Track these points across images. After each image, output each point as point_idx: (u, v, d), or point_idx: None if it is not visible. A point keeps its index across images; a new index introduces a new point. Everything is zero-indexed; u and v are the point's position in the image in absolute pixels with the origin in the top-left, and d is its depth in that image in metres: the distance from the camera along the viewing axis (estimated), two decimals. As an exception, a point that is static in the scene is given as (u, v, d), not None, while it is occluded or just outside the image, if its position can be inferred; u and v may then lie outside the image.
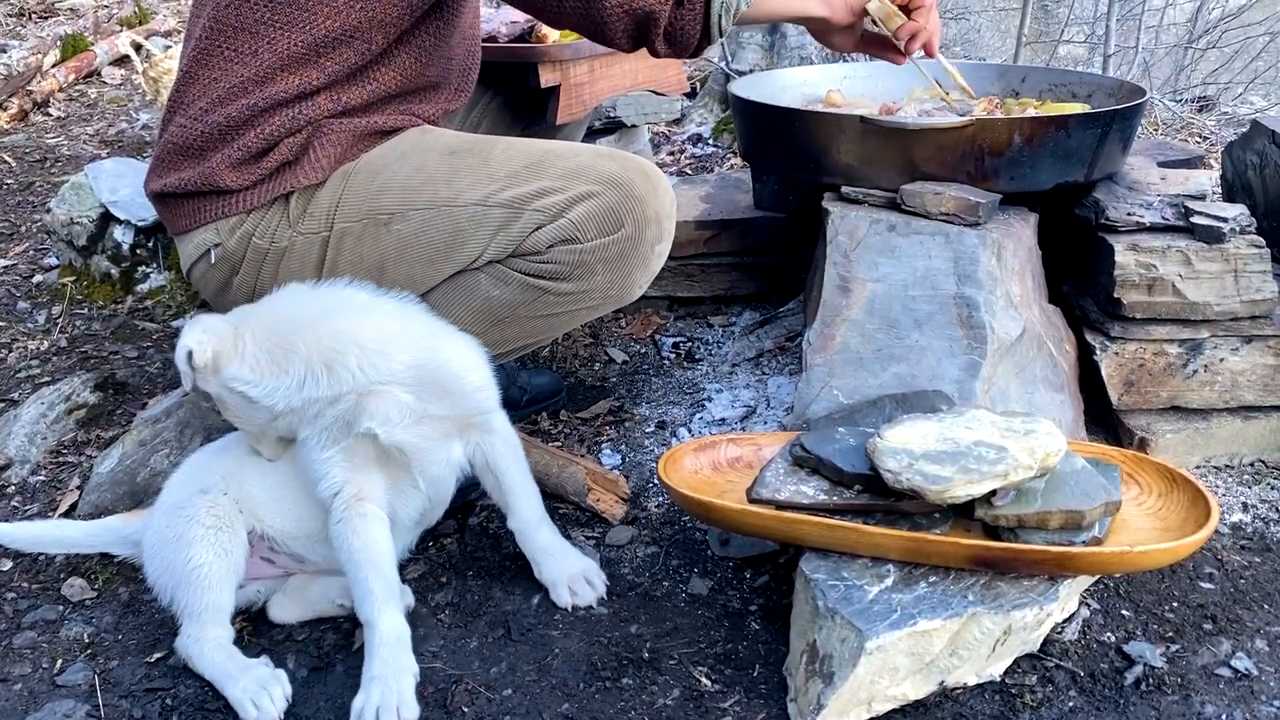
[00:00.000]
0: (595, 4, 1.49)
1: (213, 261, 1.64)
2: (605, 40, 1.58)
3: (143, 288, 2.66)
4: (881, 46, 1.79)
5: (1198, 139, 3.62)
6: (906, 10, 1.73)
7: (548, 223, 1.55)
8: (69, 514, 1.83)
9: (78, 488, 1.89)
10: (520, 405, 2.07)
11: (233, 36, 1.55)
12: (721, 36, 1.58)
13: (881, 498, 1.40)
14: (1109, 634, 1.48)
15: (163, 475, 1.68)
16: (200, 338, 1.42)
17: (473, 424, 1.55)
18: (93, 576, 1.68)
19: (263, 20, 1.53)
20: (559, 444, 1.99)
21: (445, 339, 1.53)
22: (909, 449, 1.36)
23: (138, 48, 4.95)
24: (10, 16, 5.46)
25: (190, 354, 1.42)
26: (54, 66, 4.66)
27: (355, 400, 1.43)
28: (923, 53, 1.79)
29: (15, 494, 1.93)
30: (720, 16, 1.54)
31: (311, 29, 1.53)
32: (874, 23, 1.74)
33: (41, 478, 1.97)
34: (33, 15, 5.46)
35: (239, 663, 1.44)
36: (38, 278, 2.83)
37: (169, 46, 4.87)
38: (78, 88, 4.73)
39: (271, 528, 1.53)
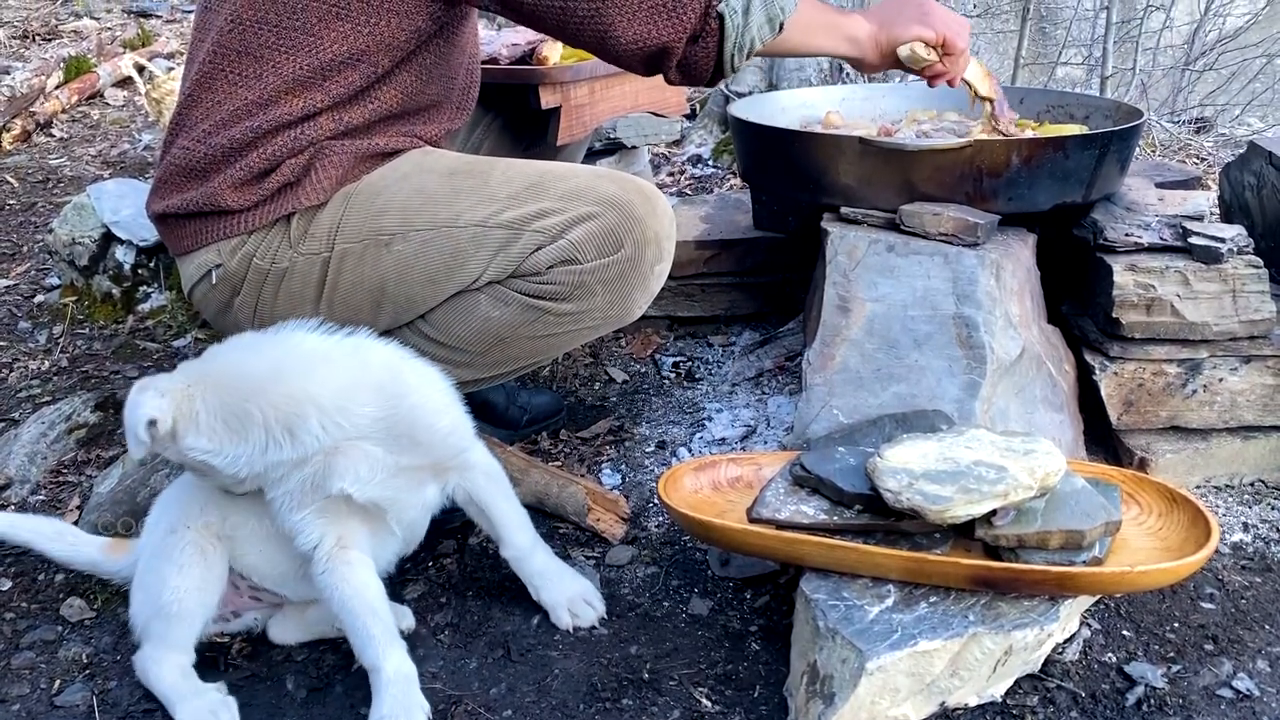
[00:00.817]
0: (610, 39, 1.49)
1: (214, 282, 1.65)
2: (622, 67, 1.59)
3: (144, 307, 2.67)
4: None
5: (1195, 160, 3.63)
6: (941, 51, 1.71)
7: (548, 243, 1.56)
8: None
9: (77, 507, 1.89)
10: (520, 425, 2.08)
11: (237, 61, 1.56)
12: (735, 71, 1.59)
13: (882, 517, 1.40)
14: (1110, 654, 1.48)
15: (163, 495, 1.68)
16: (159, 403, 1.33)
17: (449, 466, 1.52)
18: (91, 597, 1.68)
19: (268, 45, 1.54)
20: (559, 463, 1.99)
21: (409, 383, 1.46)
22: (909, 468, 1.36)
23: (140, 69, 4.98)
24: (14, 38, 5.49)
25: (153, 423, 1.32)
26: (57, 88, 4.69)
27: (323, 460, 1.38)
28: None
29: (15, 513, 1.92)
30: (733, 55, 1.53)
31: (317, 53, 1.54)
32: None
33: (41, 497, 1.97)
34: (36, 37, 5.50)
35: (193, 686, 1.43)
36: (39, 297, 2.84)
37: (171, 68, 4.91)
38: (80, 109, 4.75)
39: (247, 565, 1.51)
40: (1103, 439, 1.88)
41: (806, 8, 1.58)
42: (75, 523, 1.84)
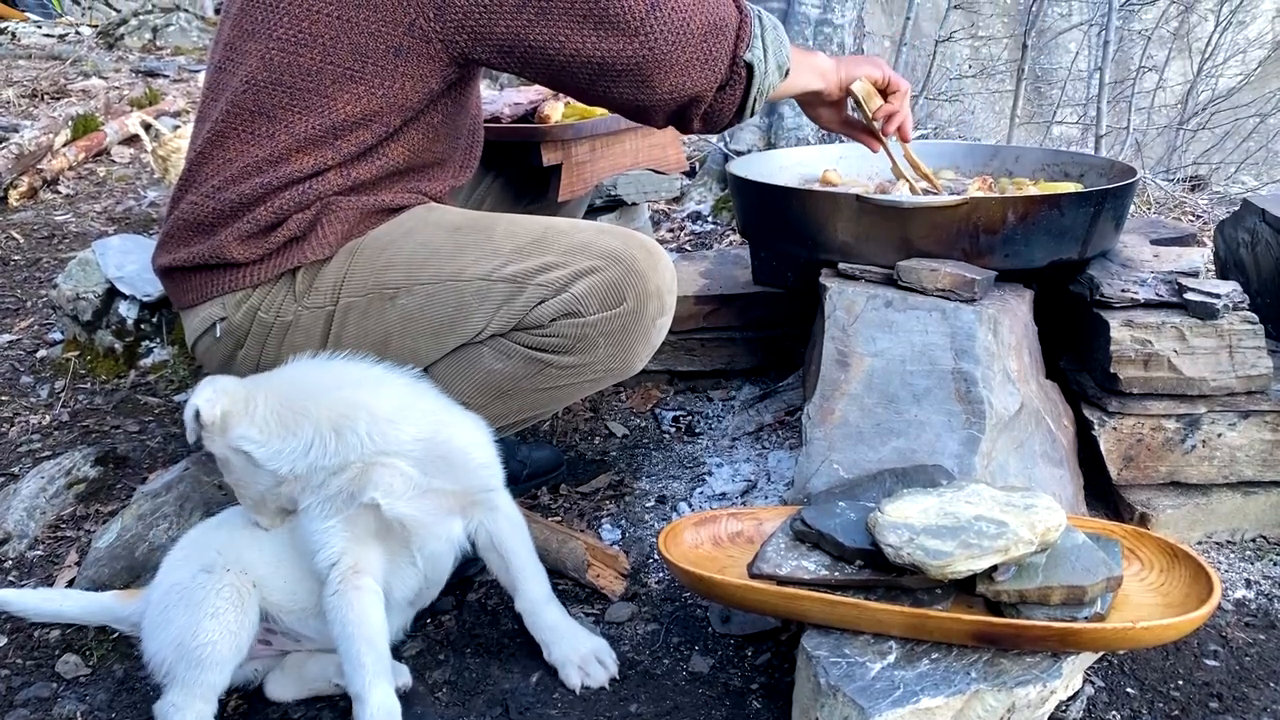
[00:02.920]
0: (646, 91, 1.54)
1: (218, 336, 1.66)
2: (645, 121, 1.65)
3: (146, 362, 2.68)
4: (860, 130, 1.91)
5: (1190, 218, 3.67)
6: (884, 94, 1.85)
7: (551, 297, 1.57)
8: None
9: (76, 563, 1.89)
10: (520, 479, 2.07)
11: (250, 120, 1.58)
12: (753, 115, 1.66)
13: (883, 573, 1.39)
14: (1114, 712, 1.46)
15: (161, 550, 1.67)
16: (210, 396, 1.43)
17: (476, 501, 1.55)
18: (87, 653, 1.67)
19: (281, 105, 1.57)
20: (558, 519, 1.99)
21: (453, 416, 1.54)
22: (910, 524, 1.36)
23: (147, 127, 5.05)
24: (23, 97, 5.57)
25: (198, 412, 1.42)
26: (65, 145, 4.74)
27: (360, 470, 1.44)
28: (897, 137, 1.90)
29: (12, 568, 1.92)
30: (755, 101, 1.62)
31: (330, 114, 1.56)
32: (855, 106, 1.86)
33: (39, 552, 1.96)
34: (45, 96, 5.58)
35: None
36: (42, 352, 2.85)
37: (178, 126, 4.97)
38: (87, 166, 4.80)
39: (268, 602, 1.51)
40: (1103, 494, 1.87)
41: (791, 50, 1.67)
42: (72, 580, 1.83)
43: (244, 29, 1.59)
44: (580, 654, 1.56)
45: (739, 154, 3.46)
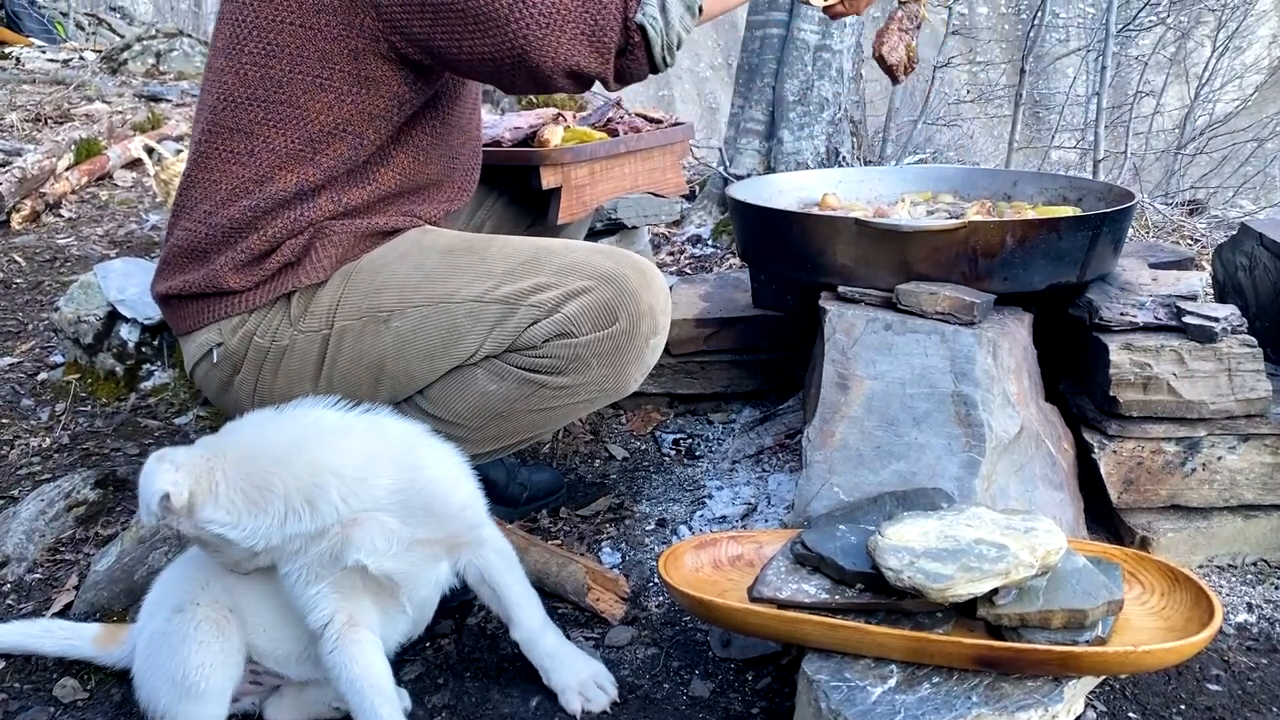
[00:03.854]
0: (541, 77, 1.50)
1: (215, 361, 1.66)
2: (553, 90, 1.60)
3: (146, 385, 2.68)
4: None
5: (1189, 241, 3.68)
6: None
7: (543, 318, 1.58)
8: (63, 613, 1.82)
9: (74, 586, 1.88)
10: (520, 502, 2.07)
11: (229, 138, 1.59)
12: (671, 65, 1.59)
13: (883, 596, 1.39)
14: (1117, 737, 1.46)
15: (160, 572, 1.67)
16: (174, 477, 1.33)
17: (462, 543, 1.52)
18: (85, 677, 1.66)
19: (258, 120, 1.58)
20: (558, 542, 1.98)
21: (426, 457, 1.47)
22: (910, 547, 1.36)
23: (150, 151, 5.07)
24: (27, 121, 5.59)
25: (166, 498, 1.32)
26: (68, 169, 4.76)
27: (341, 532, 1.39)
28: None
29: (11, 592, 1.91)
30: (664, 55, 1.56)
31: (305, 125, 1.57)
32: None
33: (38, 575, 1.96)
34: (49, 121, 5.60)
35: None
36: (43, 375, 2.85)
37: (180, 150, 5.00)
38: (90, 190, 4.82)
39: (251, 645, 1.49)
40: (1103, 518, 1.87)
41: None
42: (70, 604, 1.83)
43: (217, 48, 1.62)
44: (580, 679, 1.55)
45: (739, 178, 3.48)
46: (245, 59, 1.57)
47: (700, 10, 1.58)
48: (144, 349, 2.71)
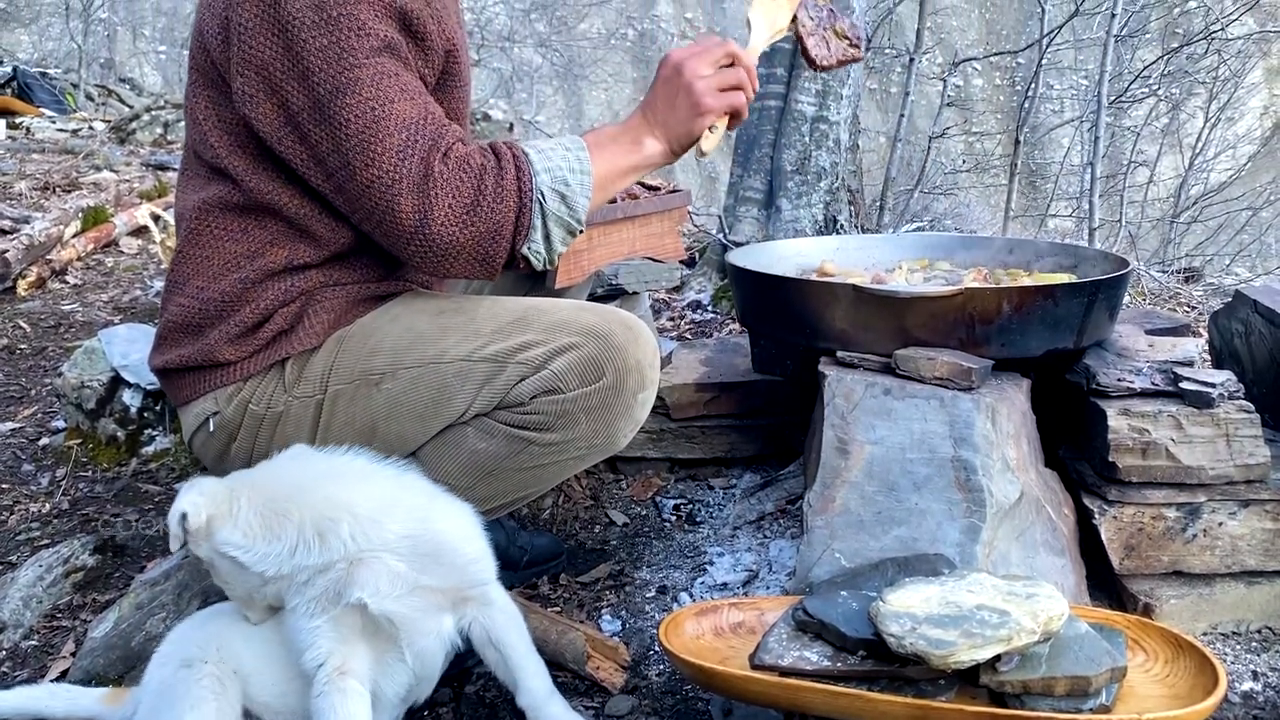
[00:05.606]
0: (435, 275, 1.60)
1: (211, 430, 1.67)
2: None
3: (148, 450, 2.69)
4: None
5: (1186, 308, 3.71)
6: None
7: (530, 374, 1.58)
8: (59, 680, 1.80)
9: (71, 653, 1.87)
10: (520, 566, 2.06)
11: (221, 216, 1.62)
12: (553, 263, 1.62)
13: (886, 663, 1.38)
14: (1124, 808, 1.43)
15: (158, 639, 1.66)
16: (195, 500, 1.42)
17: (468, 597, 1.53)
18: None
19: (248, 202, 1.61)
20: (558, 609, 1.97)
21: (441, 508, 1.52)
22: (912, 613, 1.36)
23: (156, 218, 5.13)
24: (35, 190, 5.67)
25: (184, 516, 1.41)
26: (74, 236, 4.82)
27: (346, 568, 1.42)
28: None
29: (6, 659, 1.90)
30: (547, 267, 1.60)
31: (285, 211, 1.60)
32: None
33: (34, 643, 1.95)
34: (57, 189, 5.68)
35: None
36: (44, 440, 2.86)
37: (186, 218, 5.04)
38: (95, 257, 4.87)
39: (257, 701, 1.49)
40: (1106, 584, 1.86)
41: (600, 164, 1.60)
42: (66, 671, 1.81)
43: (189, 134, 1.67)
44: None
45: (738, 244, 3.51)
46: (217, 152, 1.61)
47: (580, 227, 1.61)
48: (146, 414, 2.72)
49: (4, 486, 2.59)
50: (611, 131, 1.65)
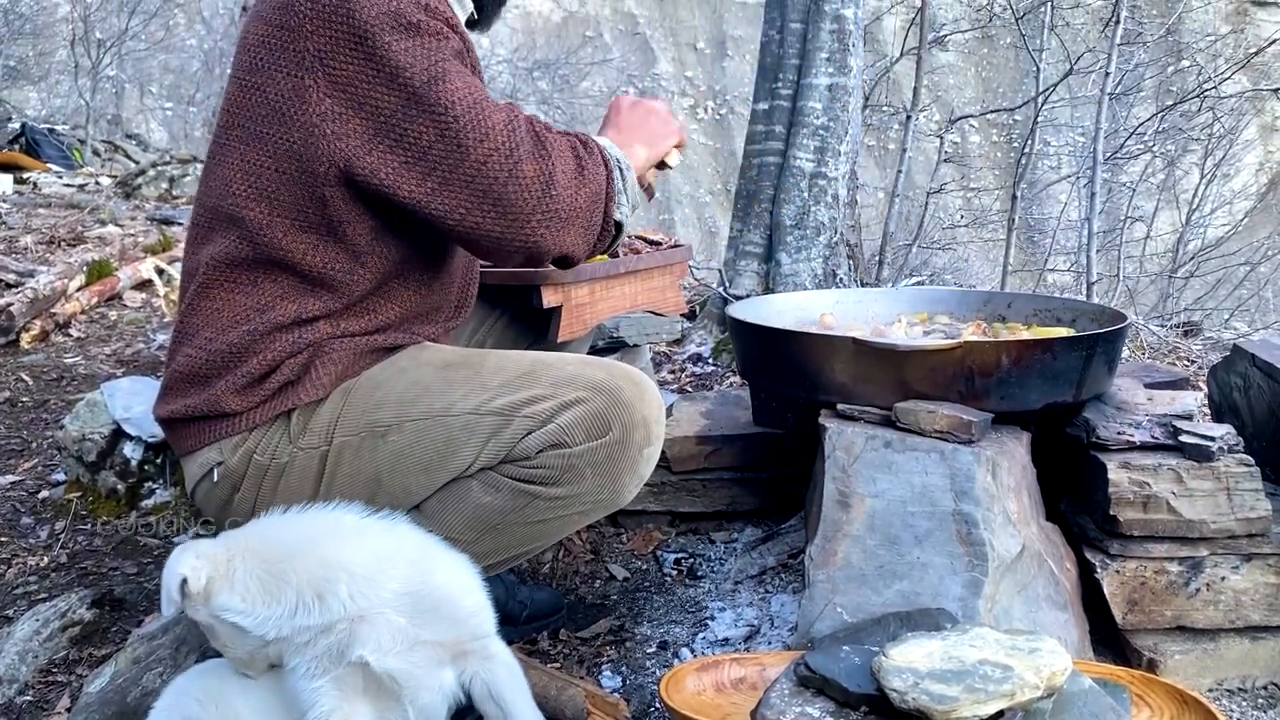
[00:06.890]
0: (536, 258, 1.60)
1: (215, 480, 1.67)
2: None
3: (148, 503, 2.68)
4: None
5: (1185, 362, 3.72)
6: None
7: (537, 428, 1.59)
8: (54, 736, 1.79)
9: (66, 708, 1.85)
10: (520, 621, 2.05)
11: (233, 269, 1.63)
12: (626, 230, 1.72)
13: (888, 718, 1.37)
14: None
15: (155, 695, 1.64)
16: (194, 564, 1.40)
17: (468, 650, 1.52)
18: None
19: (260, 256, 1.62)
20: (558, 665, 1.96)
21: (438, 562, 1.51)
22: (914, 668, 1.35)
23: (160, 272, 5.17)
24: (41, 244, 5.72)
25: (184, 582, 1.39)
26: (79, 290, 4.85)
27: (348, 627, 1.41)
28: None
29: (1, 715, 1.88)
30: (617, 238, 1.69)
31: (296, 264, 1.61)
32: None
33: (29, 698, 1.93)
34: (62, 244, 5.73)
35: None
36: (44, 493, 2.85)
37: (190, 271, 5.07)
38: (99, 310, 4.90)
39: None
40: (1109, 639, 1.85)
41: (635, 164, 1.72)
42: (61, 725, 1.80)
43: (205, 185, 1.68)
44: None
45: (738, 298, 3.54)
46: (237, 200, 1.62)
47: (639, 201, 1.73)
48: (147, 467, 2.72)
49: (2, 540, 2.58)
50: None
